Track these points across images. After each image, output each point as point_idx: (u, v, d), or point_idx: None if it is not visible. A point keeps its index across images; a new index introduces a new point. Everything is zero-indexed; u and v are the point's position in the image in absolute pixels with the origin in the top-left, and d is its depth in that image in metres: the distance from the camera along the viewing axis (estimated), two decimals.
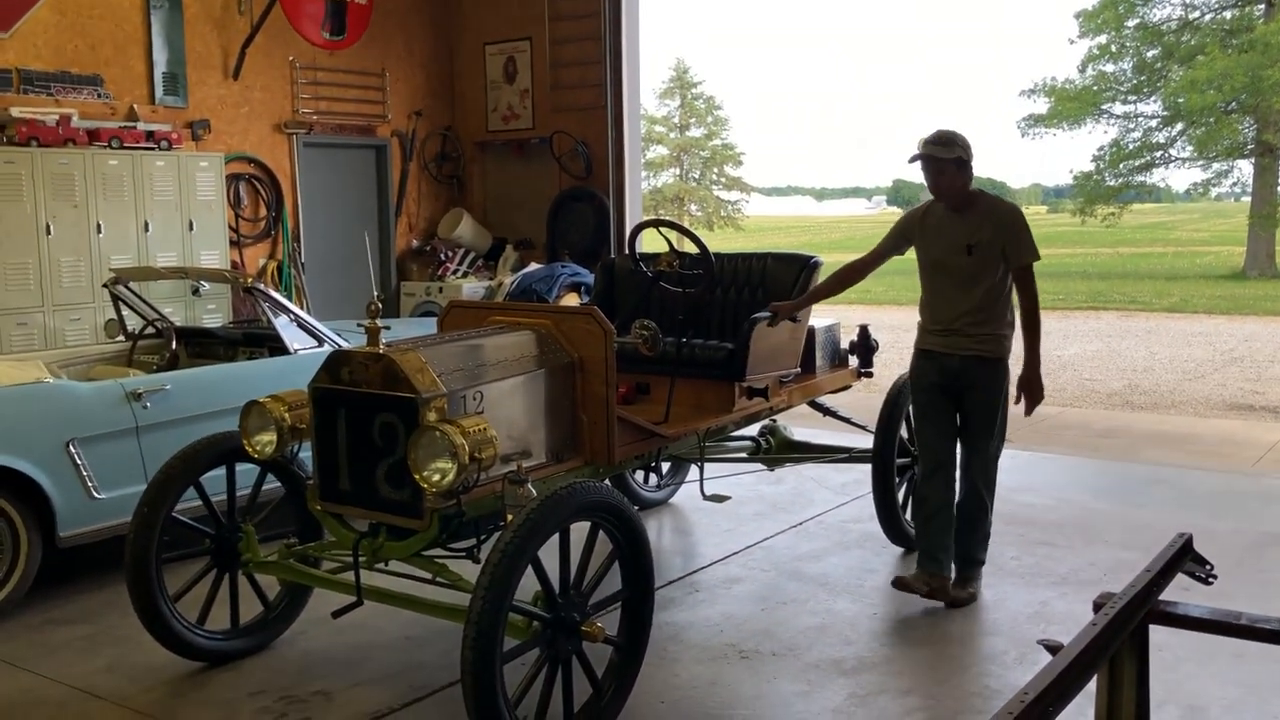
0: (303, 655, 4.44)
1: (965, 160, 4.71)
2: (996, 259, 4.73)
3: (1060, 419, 9.69)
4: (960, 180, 4.73)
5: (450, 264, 11.10)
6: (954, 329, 4.84)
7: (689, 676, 4.20)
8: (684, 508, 6.59)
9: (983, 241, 4.72)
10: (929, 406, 4.98)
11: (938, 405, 4.95)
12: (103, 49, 8.67)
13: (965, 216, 4.78)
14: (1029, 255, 4.71)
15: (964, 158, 4.70)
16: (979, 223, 4.74)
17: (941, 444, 4.95)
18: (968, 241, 4.74)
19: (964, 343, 4.81)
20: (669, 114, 47.89)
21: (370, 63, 10.67)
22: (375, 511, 3.85)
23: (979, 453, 4.93)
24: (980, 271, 4.75)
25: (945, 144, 4.69)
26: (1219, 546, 5.37)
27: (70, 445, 4.97)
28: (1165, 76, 31.08)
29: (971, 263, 4.75)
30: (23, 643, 4.61)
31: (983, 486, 4.97)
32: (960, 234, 4.76)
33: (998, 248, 4.71)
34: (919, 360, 5.00)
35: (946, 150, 4.68)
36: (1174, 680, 4.02)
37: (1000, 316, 4.82)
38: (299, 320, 5.92)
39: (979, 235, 4.73)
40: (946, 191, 4.77)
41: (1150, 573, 2.62)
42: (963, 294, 4.81)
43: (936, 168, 4.71)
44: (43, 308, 7.90)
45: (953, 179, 4.72)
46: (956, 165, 4.70)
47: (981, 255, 4.73)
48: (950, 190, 4.76)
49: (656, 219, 5.51)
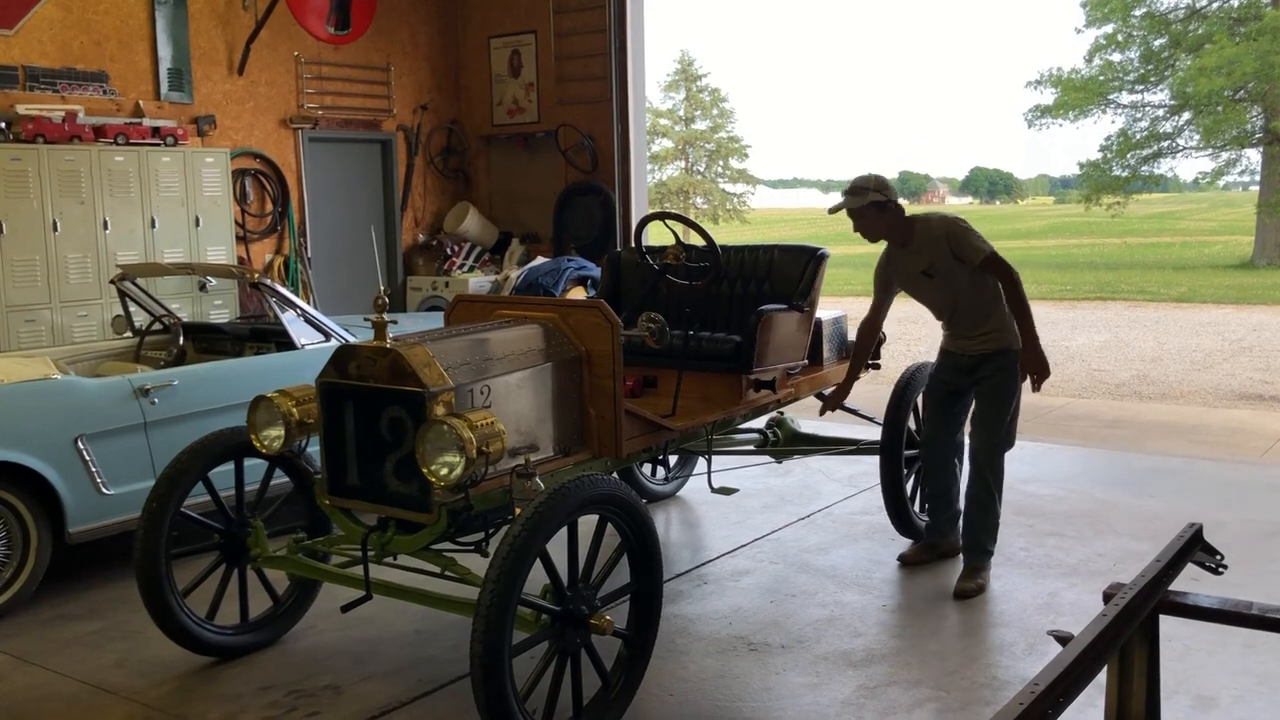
0: (312, 649, 4.45)
1: (883, 202, 4.91)
2: (956, 270, 4.89)
3: (1068, 410, 9.67)
4: (884, 221, 4.95)
5: (456, 258, 11.10)
6: (959, 336, 5.06)
7: (697, 669, 4.20)
8: (692, 500, 6.58)
9: (933, 262, 4.93)
10: (941, 404, 5.21)
11: (948, 405, 5.19)
12: (108, 45, 8.67)
13: (911, 249, 5.00)
14: (978, 254, 4.85)
15: (880, 200, 4.90)
16: (921, 248, 4.96)
17: (944, 444, 5.23)
18: (922, 269, 4.98)
19: (972, 345, 5.01)
20: (674, 107, 47.89)
21: (375, 57, 10.66)
22: (383, 506, 3.86)
23: (986, 439, 5.00)
24: (948, 285, 4.95)
25: (857, 193, 4.91)
26: (1229, 536, 5.37)
27: (78, 441, 4.98)
28: (1173, 65, 30.92)
29: (935, 283, 4.98)
30: (33, 638, 4.62)
31: (989, 473, 4.99)
32: (913, 264, 5.01)
33: (949, 260, 4.88)
34: (939, 358, 5.24)
35: (859, 199, 4.90)
36: (1184, 670, 4.01)
37: (994, 312, 4.95)
38: (306, 315, 5.92)
39: (927, 258, 4.94)
40: (874, 234, 4.99)
41: (1160, 563, 2.62)
42: (946, 309, 5.06)
43: (856, 216, 4.95)
44: (50, 304, 7.92)
45: (874, 222, 4.94)
46: (875, 209, 4.91)
47: (940, 273, 4.94)
48: (877, 232, 4.98)
49: (662, 212, 5.50)
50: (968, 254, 4.85)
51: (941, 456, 5.25)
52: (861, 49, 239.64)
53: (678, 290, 5.27)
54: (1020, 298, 4.85)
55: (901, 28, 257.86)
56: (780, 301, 5.47)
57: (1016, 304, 4.85)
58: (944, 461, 5.26)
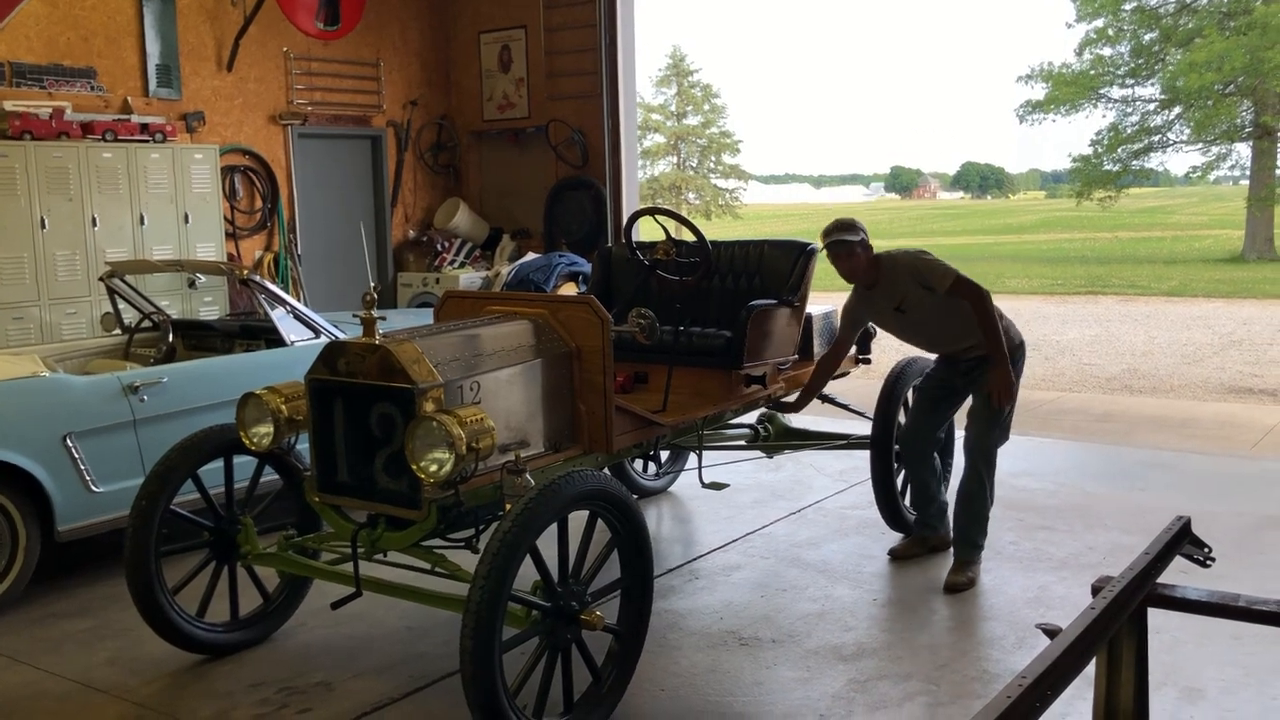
0: (303, 646, 4.44)
1: (866, 240, 5.03)
2: (924, 299, 4.96)
3: (1059, 404, 9.69)
4: (864, 261, 5.01)
5: (447, 254, 11.08)
6: (949, 356, 5.17)
7: (689, 664, 4.20)
8: (683, 496, 6.59)
9: (904, 297, 5.00)
10: (931, 399, 5.25)
11: (938, 400, 5.23)
12: (95, 41, 8.63)
13: (879, 289, 5.07)
14: (946, 279, 4.90)
15: (865, 239, 5.02)
16: (890, 286, 5.02)
17: (923, 440, 5.27)
18: (894, 305, 5.05)
19: (968, 353, 5.07)
20: (665, 102, 47.82)
21: (365, 52, 10.64)
22: (373, 502, 3.85)
23: (983, 433, 5.02)
24: (923, 317, 5.02)
25: (849, 228, 4.98)
26: (1218, 529, 5.38)
27: (67, 439, 4.96)
28: (1163, 60, 31.00)
29: (910, 318, 5.06)
30: (23, 637, 4.61)
31: (983, 467, 5.02)
32: (885, 302, 5.08)
33: (919, 292, 4.95)
34: (937, 359, 5.30)
35: (852, 233, 4.96)
36: (1172, 662, 4.03)
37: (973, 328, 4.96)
38: (295, 312, 5.91)
39: (898, 294, 5.01)
40: (856, 275, 5.06)
41: (1148, 556, 2.62)
42: (927, 337, 5.17)
43: (844, 256, 4.99)
44: (38, 302, 7.89)
45: (859, 262, 5.01)
46: (862, 248, 5.00)
47: (911, 306, 5.01)
48: (859, 273, 5.04)
49: (653, 207, 5.50)
50: (936, 282, 4.90)
51: (919, 451, 5.28)
52: (853, 44, 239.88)
53: (668, 286, 5.27)
54: (988, 317, 4.87)
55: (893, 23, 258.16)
56: (770, 297, 5.47)
57: (984, 322, 4.87)
58: (922, 456, 5.28)
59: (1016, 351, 5.04)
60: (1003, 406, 4.93)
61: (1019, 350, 5.07)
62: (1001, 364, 4.88)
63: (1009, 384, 4.90)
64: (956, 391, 5.20)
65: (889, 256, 5.08)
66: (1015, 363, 5.00)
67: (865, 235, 5.04)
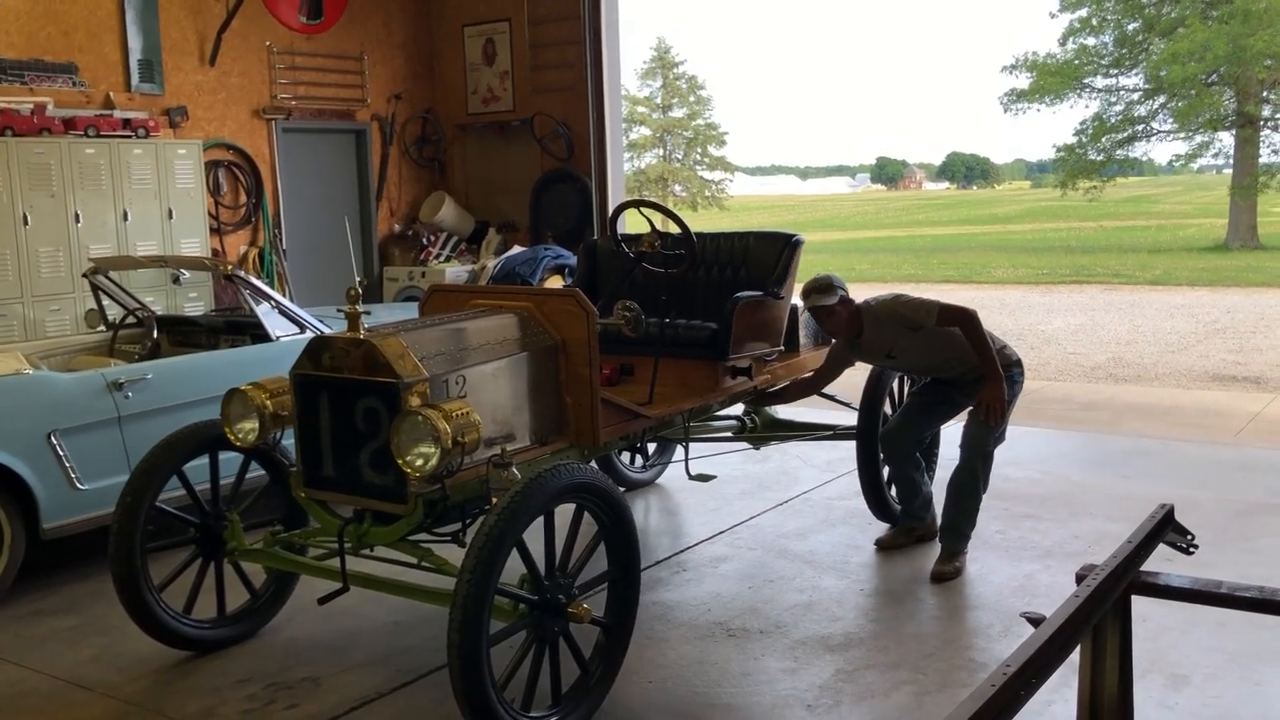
0: (290, 642, 4.43)
1: (846, 296, 5.08)
2: (913, 340, 5.01)
3: (1044, 393, 9.73)
4: (847, 313, 5.08)
5: (433, 248, 11.06)
6: (949, 382, 5.19)
7: (676, 656, 4.21)
8: (670, 488, 6.60)
9: (893, 344, 5.07)
10: (925, 402, 5.29)
11: (932, 406, 5.26)
12: (76, 36, 8.58)
13: (866, 339, 5.14)
14: (930, 315, 4.94)
15: (845, 295, 5.08)
16: (878, 337, 5.09)
17: (907, 441, 5.24)
18: (885, 353, 5.14)
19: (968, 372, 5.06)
20: (651, 94, 47.76)
21: (349, 46, 10.59)
22: (359, 497, 3.84)
23: (984, 430, 5.00)
24: (917, 355, 5.08)
25: (825, 290, 5.04)
26: (1202, 516, 5.42)
27: (52, 436, 4.94)
28: (1146, 49, 31.11)
29: (900, 361, 5.16)
30: (8, 635, 4.59)
31: (979, 461, 5.03)
32: (874, 350, 5.16)
33: (907, 334, 5.03)
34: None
35: (829, 296, 5.03)
36: (1157, 649, 4.05)
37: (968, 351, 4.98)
38: (281, 307, 5.89)
39: (885, 344, 5.09)
40: (840, 330, 5.15)
41: (1131, 544, 2.64)
42: (927, 370, 5.21)
43: (827, 312, 5.07)
44: (22, 299, 7.84)
45: (840, 318, 5.08)
46: (843, 305, 5.05)
47: (902, 350, 5.07)
48: (843, 326, 5.11)
49: (637, 199, 5.49)
50: (922, 319, 4.96)
51: (901, 452, 5.25)
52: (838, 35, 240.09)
53: (654, 278, 5.27)
54: (979, 336, 4.89)
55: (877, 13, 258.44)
56: (756, 288, 5.47)
57: (977, 343, 4.91)
58: (904, 455, 5.26)
59: (1014, 368, 5.08)
60: (992, 424, 4.94)
61: (1016, 368, 5.10)
62: (996, 380, 4.90)
63: (1002, 401, 4.91)
64: (954, 404, 5.23)
65: (869, 309, 5.13)
66: (1014, 381, 5.04)
67: (844, 290, 5.09)
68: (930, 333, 4.97)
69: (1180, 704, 3.71)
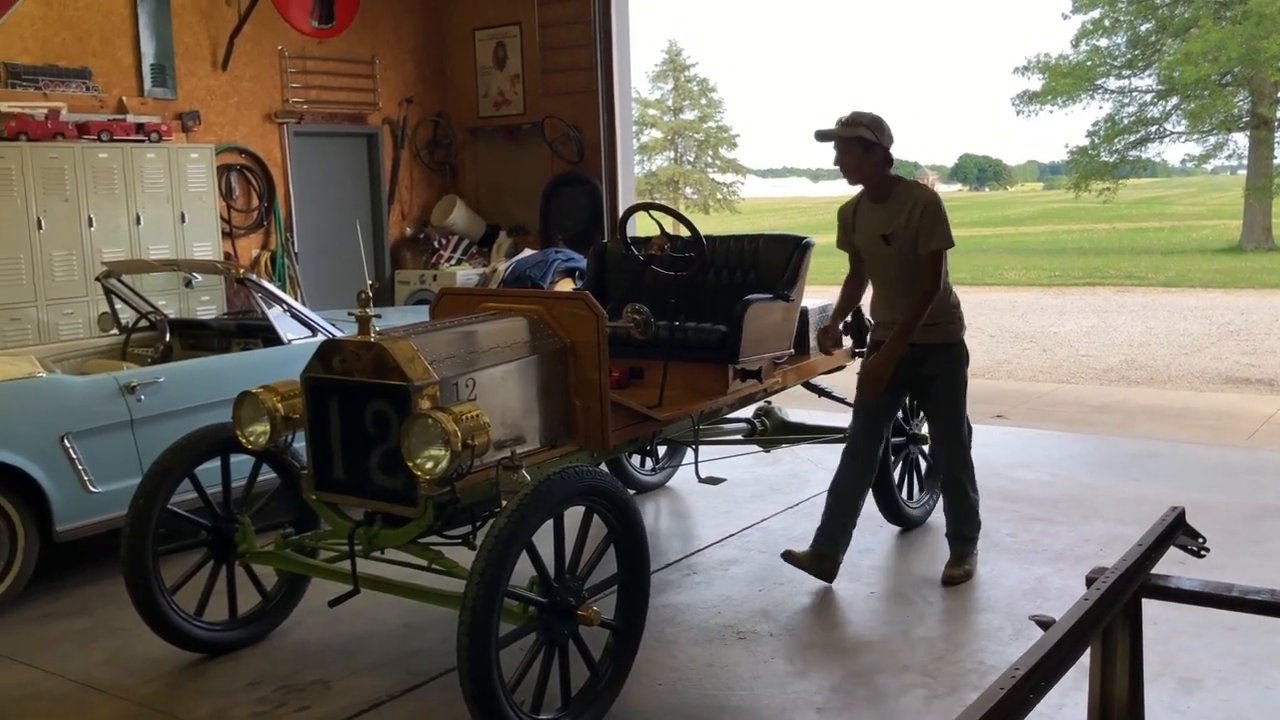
0: (300, 645, 4.45)
1: (871, 142, 4.61)
2: (909, 245, 4.67)
3: (1055, 395, 9.70)
4: (867, 163, 4.65)
5: (444, 251, 11.08)
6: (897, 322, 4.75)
7: (686, 658, 4.21)
8: (680, 491, 6.60)
9: (897, 230, 4.67)
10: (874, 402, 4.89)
11: (883, 402, 4.88)
12: (90, 41, 8.63)
13: (884, 206, 4.73)
14: (938, 243, 4.62)
15: (868, 139, 4.60)
16: (895, 211, 4.69)
17: (870, 440, 4.93)
18: (882, 231, 4.71)
19: (916, 334, 4.71)
20: (663, 97, 47.87)
21: (360, 50, 10.63)
22: (370, 500, 3.85)
23: (952, 442, 4.91)
24: (904, 262, 4.69)
25: (849, 124, 4.63)
26: (1213, 519, 5.40)
27: (65, 439, 4.97)
28: (1159, 50, 31.00)
29: (891, 253, 4.70)
30: (21, 636, 4.62)
31: (960, 472, 4.96)
32: (877, 224, 4.74)
33: (912, 236, 4.65)
34: (872, 350, 4.95)
35: (849, 130, 4.62)
36: (1168, 653, 4.04)
37: (950, 301, 4.79)
38: (292, 310, 5.91)
39: (894, 224, 4.68)
40: (852, 172, 4.71)
41: (1142, 547, 2.63)
42: (896, 287, 4.76)
43: (840, 147, 4.67)
44: (35, 302, 7.89)
45: (859, 161, 4.65)
46: (862, 147, 4.62)
47: (899, 245, 4.68)
48: (856, 172, 4.69)
49: (647, 202, 5.50)
50: (929, 237, 4.62)
51: (869, 453, 4.94)
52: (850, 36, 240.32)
53: (663, 281, 5.27)
54: (921, 306, 4.63)
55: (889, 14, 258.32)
56: (765, 291, 5.47)
57: (919, 304, 4.63)
58: (869, 459, 4.94)
59: (960, 346, 4.85)
60: (862, 388, 4.75)
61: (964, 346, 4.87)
62: (894, 349, 4.66)
63: (885, 372, 4.68)
64: (904, 383, 4.88)
65: (913, 184, 4.75)
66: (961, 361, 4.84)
67: (872, 135, 4.58)
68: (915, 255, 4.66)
69: (1191, 708, 3.70)
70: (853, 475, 4.96)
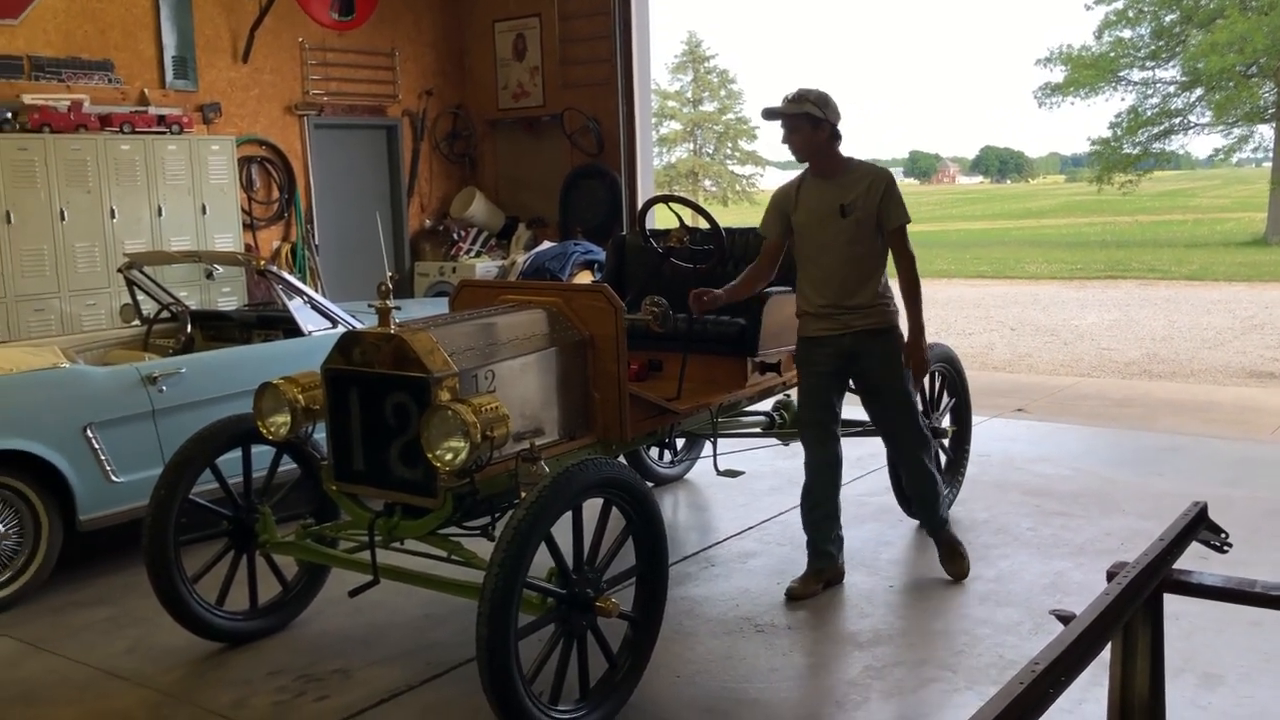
0: (320, 634, 4.47)
1: (819, 119, 4.52)
2: (871, 221, 4.58)
3: (1077, 389, 9.65)
4: (815, 139, 4.56)
5: (463, 243, 11.11)
6: (839, 305, 4.64)
7: (705, 650, 4.21)
8: (699, 483, 6.59)
9: (856, 201, 4.56)
10: (816, 392, 4.78)
11: (828, 392, 4.77)
12: (112, 33, 8.68)
13: (835, 181, 4.62)
14: (903, 217, 4.59)
15: (816, 115, 4.51)
16: (851, 184, 4.60)
17: (820, 432, 4.79)
18: (841, 202, 4.58)
19: (851, 319, 4.64)
20: (682, 88, 47.66)
21: (380, 42, 10.65)
22: (390, 491, 3.87)
23: (909, 430, 4.80)
24: (857, 236, 4.58)
25: (795, 100, 4.53)
26: (1236, 514, 5.36)
27: (87, 429, 5.01)
28: (1184, 41, 30.74)
29: (847, 226, 4.57)
30: (46, 624, 4.66)
31: (922, 452, 4.86)
32: (832, 197, 4.61)
33: (872, 209, 4.57)
34: (807, 349, 4.79)
35: (796, 106, 4.52)
36: (1190, 649, 4.01)
37: (872, 280, 4.68)
38: (313, 302, 5.94)
39: (851, 195, 4.58)
40: (799, 149, 4.61)
41: (1164, 542, 2.61)
42: (841, 263, 4.61)
43: (788, 124, 4.58)
44: (58, 293, 7.95)
45: (807, 137, 4.56)
46: (810, 123, 4.53)
47: (856, 216, 4.56)
48: (803, 149, 4.59)
49: (666, 195, 5.49)
50: (894, 212, 4.57)
51: (832, 458, 4.81)
52: (870, 28, 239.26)
53: (682, 273, 5.26)
54: (916, 280, 4.63)
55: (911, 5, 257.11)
56: (784, 284, 5.45)
57: (912, 286, 4.63)
58: (833, 463, 4.81)
59: (897, 331, 4.75)
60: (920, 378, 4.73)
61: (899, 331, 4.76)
62: (919, 335, 4.67)
63: (925, 359, 4.71)
64: (840, 376, 4.77)
65: (863, 163, 4.69)
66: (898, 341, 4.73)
67: (820, 111, 4.50)
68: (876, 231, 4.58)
69: (1213, 704, 3.67)
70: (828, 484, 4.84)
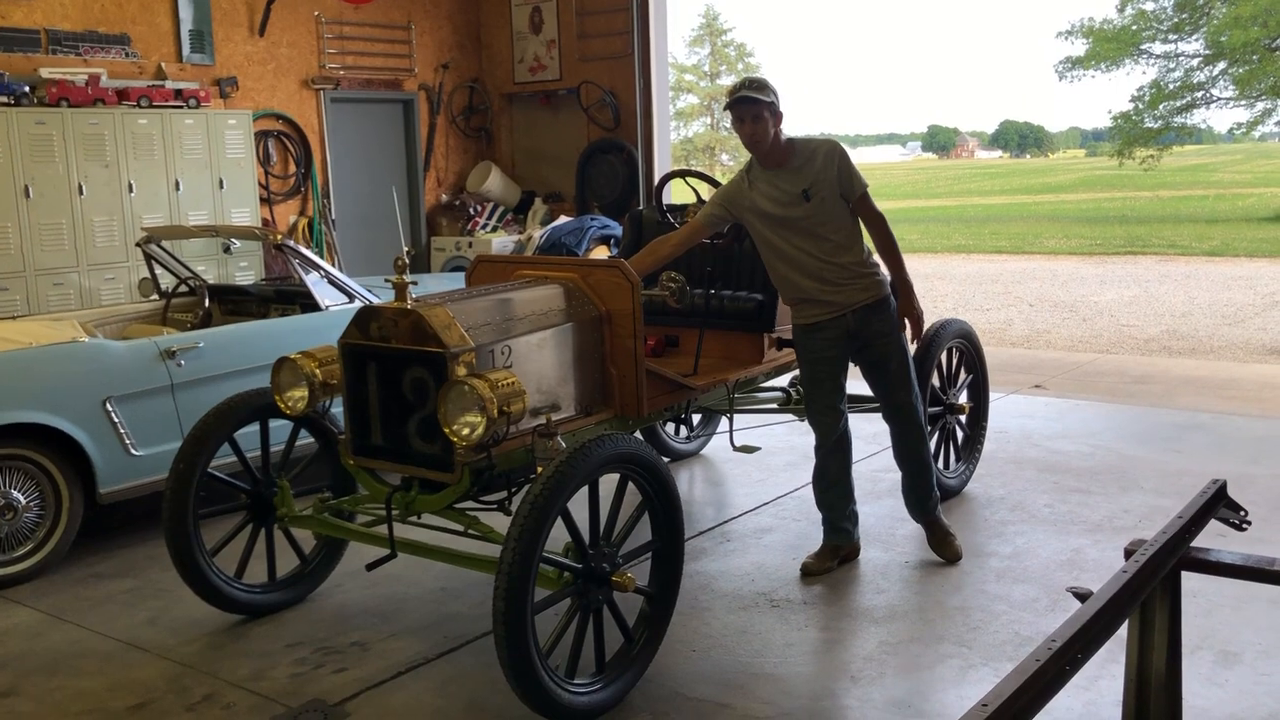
0: (338, 607, 4.51)
1: (777, 110, 4.45)
2: (834, 196, 4.50)
3: (1095, 365, 9.59)
4: (774, 130, 4.46)
5: (479, 218, 11.10)
6: (830, 283, 4.54)
7: (720, 625, 4.23)
8: (715, 459, 6.60)
9: (816, 181, 4.46)
10: (823, 378, 4.70)
11: (832, 377, 4.69)
12: (129, 7, 8.67)
13: (788, 169, 4.51)
14: (862, 183, 4.50)
15: (776, 106, 4.43)
16: (803, 167, 4.49)
17: (835, 416, 4.73)
18: (803, 188, 4.47)
19: (848, 294, 4.55)
20: (699, 62, 47.47)
21: (396, 16, 10.61)
22: (407, 465, 3.88)
23: (907, 405, 4.74)
24: (826, 215, 4.49)
25: (759, 88, 4.40)
26: (1256, 492, 5.34)
27: (107, 403, 5.04)
28: (1207, 14, 30.30)
29: (813, 208, 4.47)
30: (68, 596, 4.71)
31: (919, 430, 4.80)
32: (790, 185, 4.49)
33: (833, 184, 4.47)
34: (806, 335, 4.68)
35: (763, 94, 4.39)
36: (1208, 626, 4.00)
37: (864, 252, 4.61)
38: (330, 277, 5.95)
39: (809, 177, 4.47)
40: (760, 141, 4.45)
41: (1182, 519, 2.60)
42: (820, 244, 4.52)
43: (752, 114, 4.40)
44: (77, 268, 7.99)
45: (767, 127, 4.43)
46: (770, 113, 4.42)
47: (820, 195, 4.46)
48: (763, 140, 4.45)
49: (683, 169, 5.47)
50: (855, 184, 4.47)
51: (843, 437, 4.77)
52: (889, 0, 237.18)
53: (699, 248, 5.24)
54: (893, 240, 4.56)
55: None
56: None
57: (891, 247, 4.57)
58: (844, 442, 4.78)
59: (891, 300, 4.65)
60: (919, 333, 4.66)
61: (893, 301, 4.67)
62: (910, 292, 4.59)
63: (919, 313, 4.59)
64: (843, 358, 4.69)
65: (804, 140, 4.56)
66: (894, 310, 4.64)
67: (779, 102, 4.43)
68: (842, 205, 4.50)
69: (1230, 681, 3.67)
70: (840, 460, 4.81)
